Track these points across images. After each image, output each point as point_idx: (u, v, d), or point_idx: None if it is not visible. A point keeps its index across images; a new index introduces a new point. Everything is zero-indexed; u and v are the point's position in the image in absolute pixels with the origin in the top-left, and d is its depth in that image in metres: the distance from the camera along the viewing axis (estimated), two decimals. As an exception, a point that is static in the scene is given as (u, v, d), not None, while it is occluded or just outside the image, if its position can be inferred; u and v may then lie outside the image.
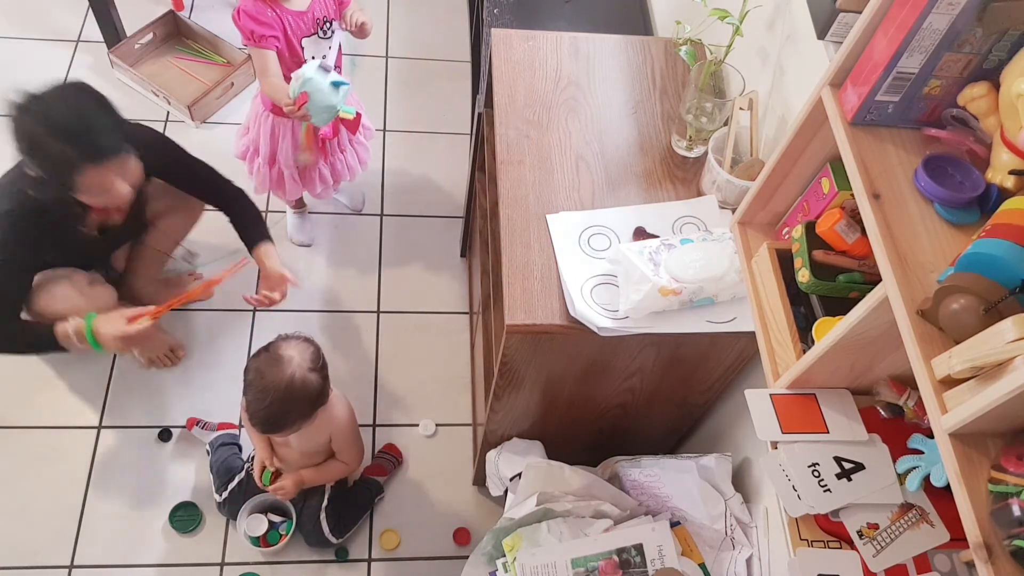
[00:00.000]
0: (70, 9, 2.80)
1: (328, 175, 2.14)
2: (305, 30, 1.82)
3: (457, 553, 1.98)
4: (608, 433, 1.74)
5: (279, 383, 1.56)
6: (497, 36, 1.69)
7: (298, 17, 1.81)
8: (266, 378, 1.57)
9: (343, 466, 1.87)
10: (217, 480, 1.93)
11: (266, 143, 2.03)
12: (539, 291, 1.35)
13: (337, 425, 1.78)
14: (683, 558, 1.38)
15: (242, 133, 2.10)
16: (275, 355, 1.60)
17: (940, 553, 1.02)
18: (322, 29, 1.85)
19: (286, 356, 1.59)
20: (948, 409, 0.77)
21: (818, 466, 1.07)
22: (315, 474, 1.85)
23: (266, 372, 1.58)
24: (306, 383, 1.59)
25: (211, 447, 2.00)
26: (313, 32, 1.84)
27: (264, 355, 1.61)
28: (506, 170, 1.49)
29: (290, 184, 2.11)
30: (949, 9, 0.84)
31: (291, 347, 1.61)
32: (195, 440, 2.05)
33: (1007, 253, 0.78)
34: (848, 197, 1.09)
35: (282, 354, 1.60)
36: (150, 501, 1.96)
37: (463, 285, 2.40)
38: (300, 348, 1.62)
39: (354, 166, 2.19)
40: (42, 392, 2.05)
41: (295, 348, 1.62)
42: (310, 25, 1.83)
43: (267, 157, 2.06)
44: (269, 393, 1.56)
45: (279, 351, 1.60)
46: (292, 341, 1.63)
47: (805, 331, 1.12)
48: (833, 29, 1.20)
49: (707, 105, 1.48)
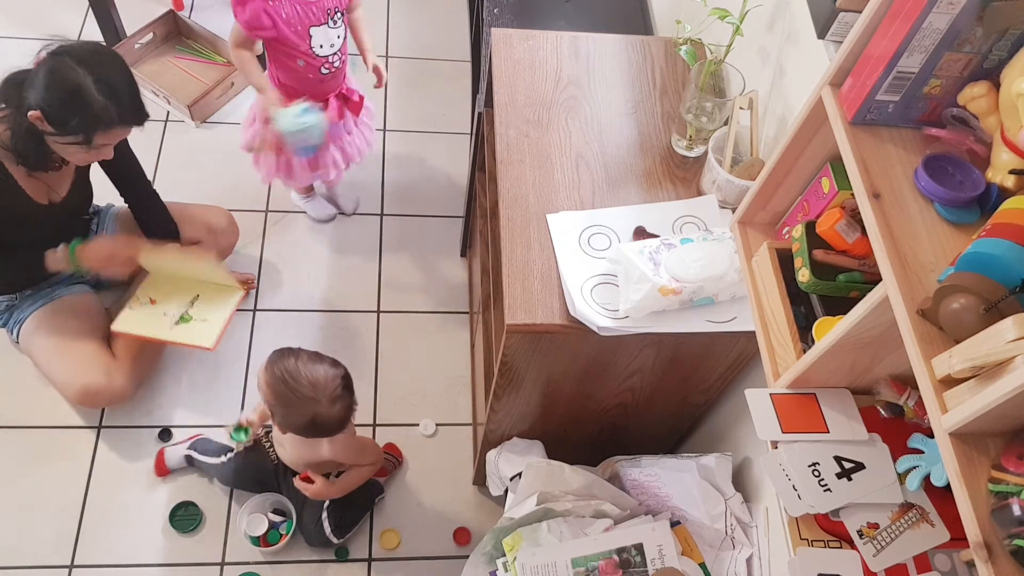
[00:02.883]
0: (70, 9, 2.81)
1: (340, 158, 2.14)
2: (314, 19, 1.82)
3: (457, 553, 1.98)
4: (608, 433, 1.74)
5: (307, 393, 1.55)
6: (497, 36, 1.69)
7: (306, 6, 1.80)
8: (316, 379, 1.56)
9: (367, 468, 1.85)
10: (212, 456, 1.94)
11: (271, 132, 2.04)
12: (539, 291, 1.35)
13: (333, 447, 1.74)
14: (683, 558, 1.38)
15: (247, 124, 2.11)
16: (335, 397, 1.57)
17: (940, 553, 1.02)
18: (332, 19, 1.85)
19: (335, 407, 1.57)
20: (948, 408, 0.77)
21: (818, 465, 1.07)
22: (342, 484, 1.83)
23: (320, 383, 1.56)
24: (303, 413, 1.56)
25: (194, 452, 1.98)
26: (324, 22, 1.84)
27: (338, 385, 1.58)
28: (506, 170, 1.49)
29: (299, 171, 2.12)
30: (949, 8, 0.84)
31: (343, 409, 1.59)
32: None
33: (1007, 252, 0.78)
34: (848, 197, 1.09)
35: (336, 406, 1.57)
36: (150, 501, 1.96)
37: (463, 285, 2.40)
38: (338, 417, 1.59)
39: (362, 147, 2.20)
40: (42, 392, 2.05)
41: (341, 413, 1.59)
42: (320, 14, 1.83)
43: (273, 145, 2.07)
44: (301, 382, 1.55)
45: (338, 402, 1.58)
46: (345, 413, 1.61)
47: (805, 330, 1.12)
48: (833, 28, 1.20)
49: (707, 105, 1.48)
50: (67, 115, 1.60)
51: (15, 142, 1.66)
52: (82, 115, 1.60)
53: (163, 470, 1.98)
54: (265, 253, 2.38)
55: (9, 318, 1.97)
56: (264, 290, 2.32)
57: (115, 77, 1.63)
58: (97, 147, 1.68)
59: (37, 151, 1.67)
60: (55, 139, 1.64)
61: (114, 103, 1.62)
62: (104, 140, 1.67)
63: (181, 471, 2.00)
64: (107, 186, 2.00)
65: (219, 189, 2.45)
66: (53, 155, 1.70)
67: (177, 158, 2.52)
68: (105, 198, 2.10)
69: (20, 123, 1.62)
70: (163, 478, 1.98)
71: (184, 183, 2.43)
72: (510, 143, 1.52)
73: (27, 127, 1.61)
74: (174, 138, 2.57)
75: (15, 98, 1.62)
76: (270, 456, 1.91)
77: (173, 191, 2.18)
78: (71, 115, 1.60)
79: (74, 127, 1.61)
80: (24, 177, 1.74)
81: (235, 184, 2.47)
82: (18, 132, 1.64)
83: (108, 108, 1.61)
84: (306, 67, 1.89)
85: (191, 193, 2.29)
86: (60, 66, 1.58)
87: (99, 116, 1.61)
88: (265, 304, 2.29)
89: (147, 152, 2.42)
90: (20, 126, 1.63)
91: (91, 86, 1.58)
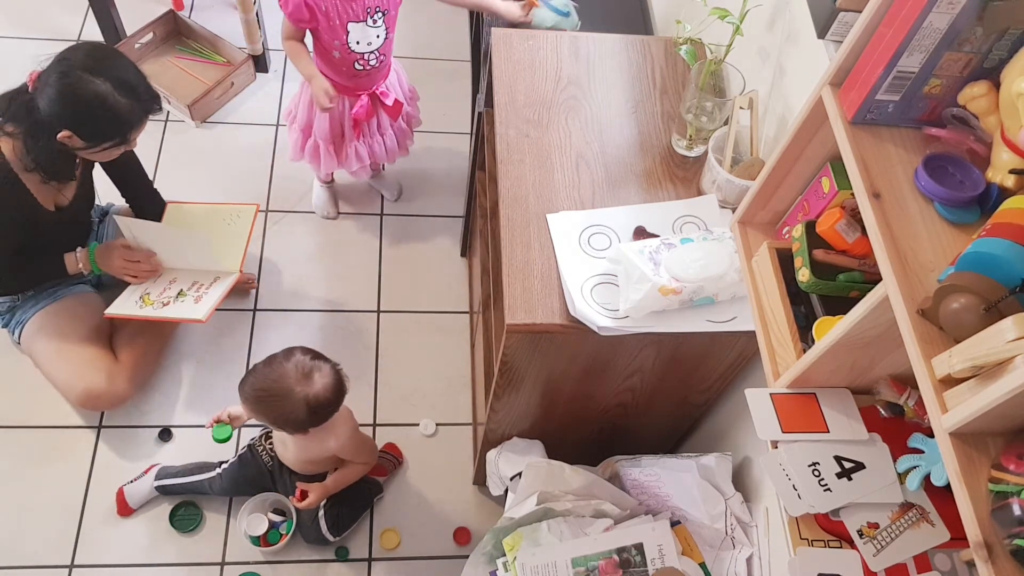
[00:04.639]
0: (70, 9, 2.80)
1: (364, 154, 2.15)
2: (353, 16, 1.84)
3: (457, 553, 1.98)
4: (608, 432, 1.74)
5: (282, 386, 1.56)
6: (497, 35, 1.69)
7: (347, 2, 1.82)
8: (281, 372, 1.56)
9: (361, 466, 1.86)
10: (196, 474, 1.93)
11: (304, 111, 2.09)
12: (539, 290, 1.35)
13: (339, 440, 1.76)
14: (683, 557, 1.38)
15: (290, 120, 2.17)
16: (308, 370, 1.58)
17: (940, 552, 1.02)
18: (372, 18, 1.86)
19: (314, 378, 1.57)
20: (948, 408, 0.77)
21: (818, 465, 1.07)
22: (337, 480, 1.84)
23: (287, 372, 1.56)
24: (296, 407, 1.56)
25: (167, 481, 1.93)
26: (362, 19, 1.86)
27: (304, 359, 1.59)
28: (506, 170, 1.49)
29: (325, 158, 2.14)
30: (949, 8, 0.84)
31: (325, 376, 1.59)
32: (195, 439, 2.05)
33: (1007, 252, 0.78)
34: (848, 196, 1.09)
35: (314, 378, 1.58)
36: (150, 501, 1.96)
37: (463, 285, 2.40)
38: (329, 386, 1.59)
39: (392, 149, 2.21)
40: (42, 392, 2.05)
41: (326, 379, 1.59)
42: (359, 11, 1.84)
43: (303, 125, 2.11)
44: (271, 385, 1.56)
45: (313, 372, 1.58)
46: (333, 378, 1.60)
47: (805, 330, 1.12)
48: (833, 28, 1.20)
49: (707, 104, 1.48)
50: (98, 127, 1.62)
51: (41, 161, 1.67)
52: (113, 122, 1.63)
53: (126, 510, 1.92)
54: (265, 253, 2.38)
55: (11, 319, 1.96)
56: (264, 290, 2.32)
57: (126, 74, 1.65)
58: (131, 141, 1.72)
59: (65, 165, 1.70)
60: (89, 151, 1.66)
61: (135, 100, 1.64)
62: (136, 134, 1.72)
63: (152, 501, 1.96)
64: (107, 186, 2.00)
65: (219, 189, 2.45)
66: (76, 163, 1.72)
67: (177, 158, 2.52)
68: (105, 197, 2.10)
69: (44, 144, 1.63)
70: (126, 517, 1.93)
71: (184, 183, 2.43)
72: (510, 143, 1.52)
73: (57, 148, 1.63)
74: (174, 138, 2.57)
75: (25, 120, 1.62)
76: (263, 459, 1.91)
77: (173, 191, 2.18)
78: (102, 125, 1.62)
79: (109, 135, 1.64)
80: (37, 185, 1.74)
81: (235, 184, 2.48)
82: (44, 152, 1.65)
83: (133, 107, 1.64)
84: (341, 59, 1.92)
85: (191, 193, 2.29)
86: (74, 82, 1.58)
87: (128, 117, 1.64)
88: (265, 304, 2.29)
89: (147, 152, 2.42)
90: (47, 147, 1.63)
91: (111, 92, 1.60)
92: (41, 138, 1.62)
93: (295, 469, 1.87)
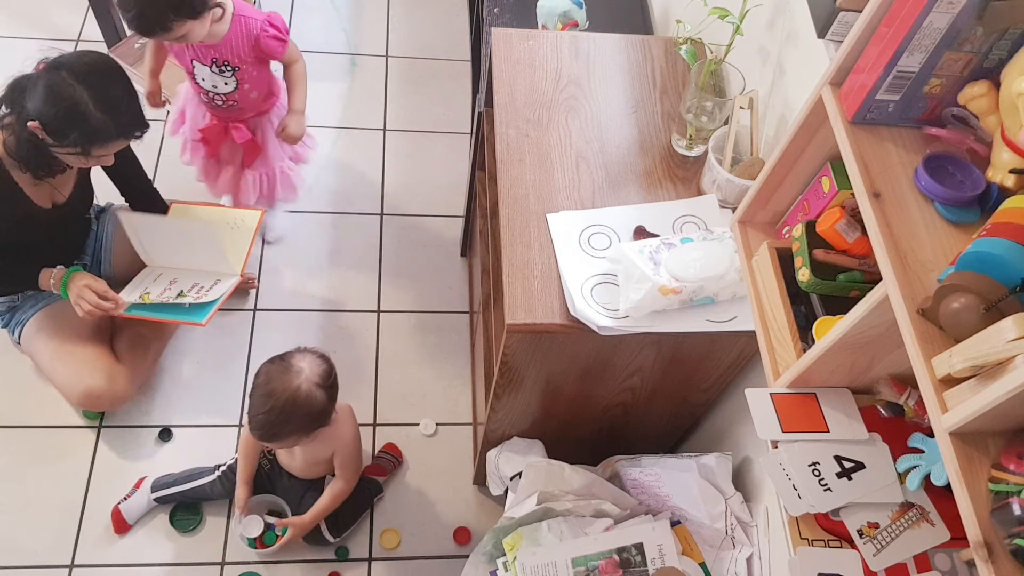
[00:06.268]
0: (70, 8, 2.80)
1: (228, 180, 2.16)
2: (199, 57, 1.86)
3: (457, 552, 1.98)
4: (608, 432, 1.74)
5: (284, 392, 1.57)
6: (497, 35, 1.69)
7: (202, 47, 1.84)
8: (273, 384, 1.58)
9: (342, 486, 1.86)
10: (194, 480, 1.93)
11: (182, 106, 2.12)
12: (539, 290, 1.35)
13: (343, 441, 1.78)
14: (683, 557, 1.38)
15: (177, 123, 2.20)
16: (287, 364, 1.60)
17: (940, 552, 1.02)
18: (219, 67, 1.88)
19: (297, 367, 1.60)
20: (948, 408, 0.77)
21: (818, 465, 1.07)
22: (317, 512, 1.84)
23: (275, 378, 1.58)
24: (311, 398, 1.59)
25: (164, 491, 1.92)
26: (207, 64, 1.88)
27: (278, 362, 1.62)
28: (506, 169, 1.49)
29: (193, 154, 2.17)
30: (949, 8, 0.84)
31: (305, 360, 1.62)
32: (195, 439, 2.05)
33: (1007, 252, 0.78)
34: (848, 196, 1.09)
35: (294, 364, 1.60)
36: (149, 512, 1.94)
37: (463, 284, 2.40)
38: (313, 363, 1.62)
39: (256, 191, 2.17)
40: (42, 392, 2.05)
41: (309, 362, 1.62)
42: (205, 57, 1.86)
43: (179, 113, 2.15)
44: (272, 399, 1.56)
45: (292, 361, 1.61)
46: (308, 355, 1.64)
47: (805, 330, 1.12)
48: (833, 28, 1.20)
49: (707, 104, 1.48)
50: (65, 128, 1.59)
51: (19, 150, 1.66)
52: (80, 130, 1.60)
53: (123, 527, 1.90)
54: (265, 253, 2.38)
55: (11, 319, 1.96)
56: (264, 290, 2.32)
57: (114, 92, 1.62)
58: (96, 157, 1.68)
59: (39, 158, 1.67)
60: (54, 149, 1.64)
61: (112, 118, 1.61)
62: (102, 152, 1.68)
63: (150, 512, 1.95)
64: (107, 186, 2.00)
65: (219, 189, 2.44)
66: (56, 160, 1.70)
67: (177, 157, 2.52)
68: (105, 197, 2.10)
69: (21, 131, 1.62)
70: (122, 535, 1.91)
71: (184, 182, 2.42)
72: (510, 143, 1.52)
73: (28, 136, 1.62)
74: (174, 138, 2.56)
75: (17, 106, 1.62)
76: (260, 462, 1.91)
77: (173, 190, 2.18)
78: (69, 129, 1.59)
79: (72, 140, 1.61)
80: (30, 184, 1.74)
81: (235, 184, 2.47)
82: (20, 140, 1.64)
83: (106, 123, 1.61)
84: (194, 85, 1.97)
85: (191, 193, 2.29)
86: (58, 81, 1.57)
87: (97, 131, 1.61)
88: (265, 304, 2.29)
89: (147, 152, 2.42)
90: (21, 134, 1.63)
91: (88, 102, 1.57)
92: (21, 125, 1.62)
93: (301, 476, 1.88)
